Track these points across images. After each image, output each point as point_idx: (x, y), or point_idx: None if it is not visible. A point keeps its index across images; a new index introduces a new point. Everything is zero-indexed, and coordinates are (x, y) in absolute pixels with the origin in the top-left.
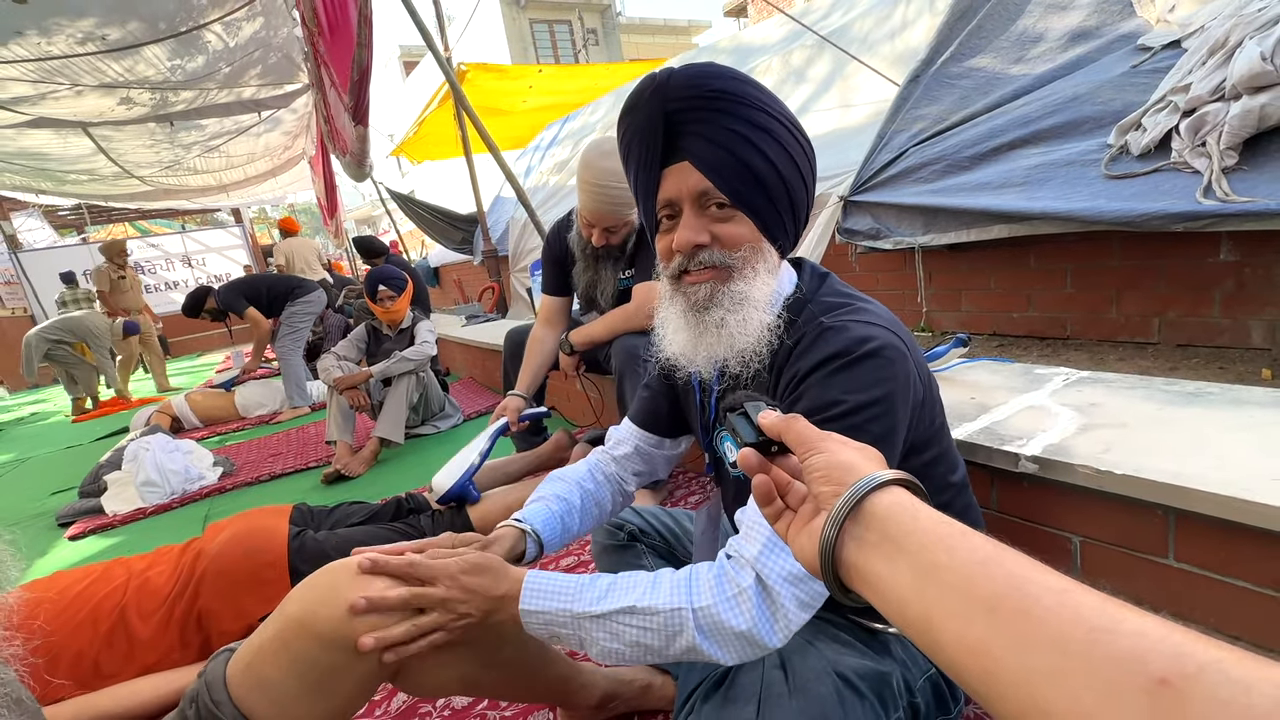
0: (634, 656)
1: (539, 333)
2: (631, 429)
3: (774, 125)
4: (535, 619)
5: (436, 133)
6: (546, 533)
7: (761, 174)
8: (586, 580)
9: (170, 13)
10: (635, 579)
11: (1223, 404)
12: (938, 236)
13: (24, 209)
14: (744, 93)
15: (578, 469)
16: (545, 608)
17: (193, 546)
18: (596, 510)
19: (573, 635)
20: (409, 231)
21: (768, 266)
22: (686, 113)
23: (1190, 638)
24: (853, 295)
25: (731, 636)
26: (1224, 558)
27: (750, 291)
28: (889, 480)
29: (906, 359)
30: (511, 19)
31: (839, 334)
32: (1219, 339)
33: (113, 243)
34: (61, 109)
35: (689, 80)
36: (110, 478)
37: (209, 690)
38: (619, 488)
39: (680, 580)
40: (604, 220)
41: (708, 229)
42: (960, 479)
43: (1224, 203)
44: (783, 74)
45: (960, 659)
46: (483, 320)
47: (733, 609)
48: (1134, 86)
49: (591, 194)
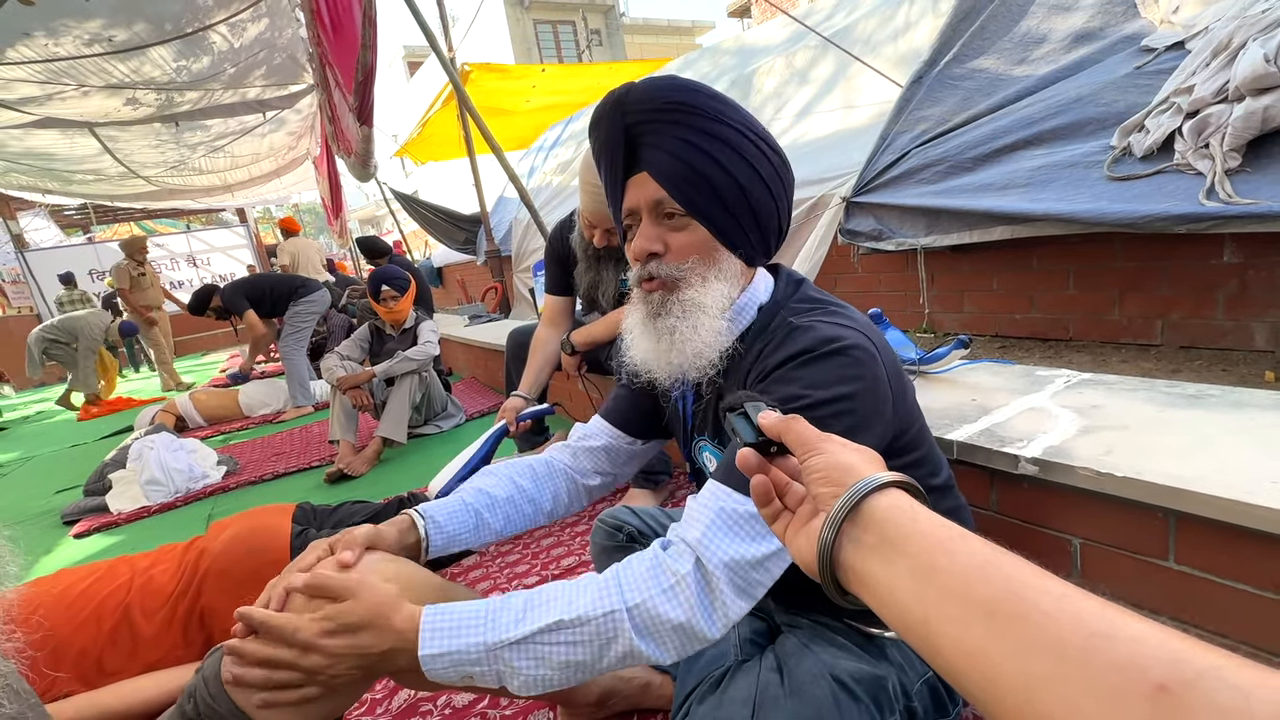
0: (562, 680)
1: (543, 333)
2: (603, 425)
3: (731, 135)
4: (441, 663)
5: (440, 133)
6: (451, 523)
7: (716, 183)
8: (496, 604)
9: (176, 14)
10: (552, 591)
11: (1224, 406)
12: (940, 238)
13: (30, 208)
14: (699, 104)
15: (517, 463)
16: (451, 647)
17: (196, 545)
18: (530, 508)
19: (489, 672)
20: (413, 231)
21: (723, 274)
22: (644, 125)
23: (1189, 644)
24: (826, 300)
25: (669, 630)
26: (1225, 561)
27: (701, 299)
28: (888, 482)
29: (875, 360)
30: (515, 19)
31: (805, 332)
32: (1222, 341)
33: (133, 239)
34: (68, 109)
35: (646, 94)
36: (115, 476)
37: (206, 685)
38: (573, 484)
39: (608, 581)
40: (605, 221)
41: (662, 238)
42: (943, 481)
43: (1227, 204)
44: (786, 75)
45: (958, 663)
46: (486, 320)
47: (669, 599)
48: (1137, 88)
49: (592, 195)
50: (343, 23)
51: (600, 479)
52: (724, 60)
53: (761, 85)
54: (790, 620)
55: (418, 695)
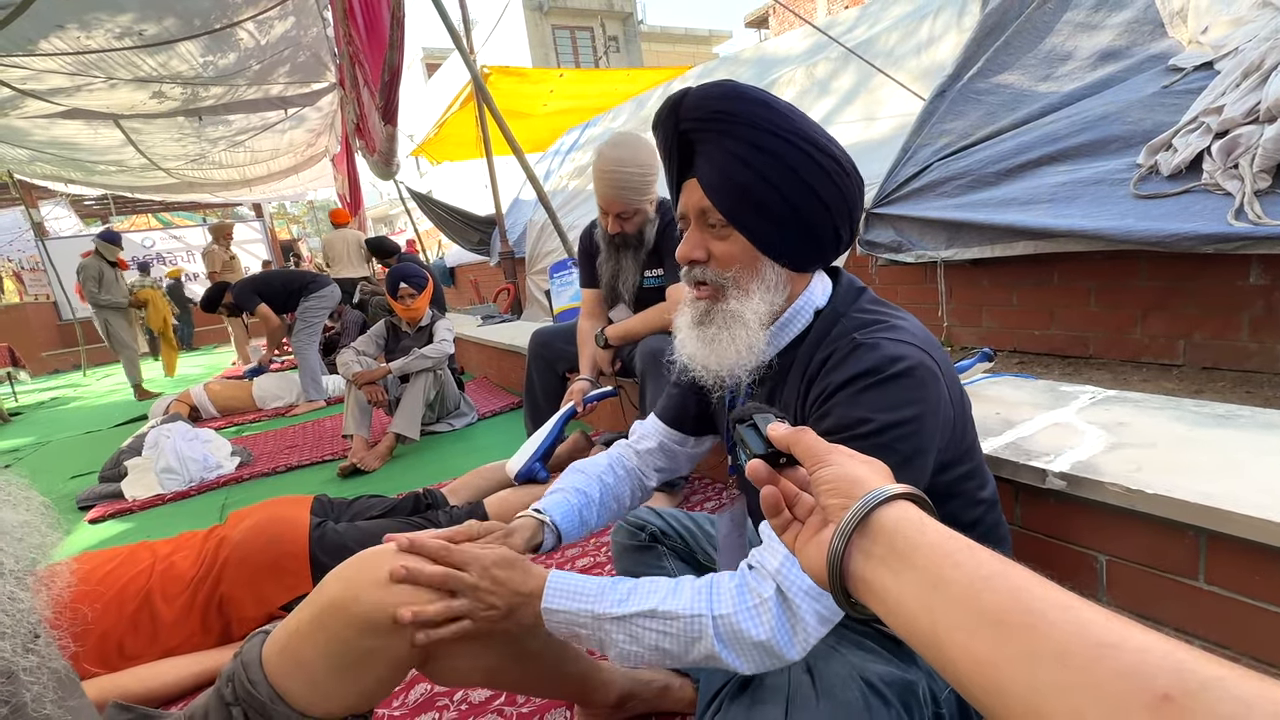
0: (653, 659)
1: (584, 324)
2: (658, 425)
3: (781, 145)
4: (557, 618)
5: (457, 134)
6: (565, 524)
7: (759, 195)
8: (608, 583)
9: (205, 10)
10: (656, 584)
11: (1254, 427)
12: (960, 251)
13: (52, 198)
14: (748, 113)
15: (598, 462)
16: (568, 607)
17: (216, 533)
18: (615, 504)
19: (593, 635)
20: (426, 231)
21: (765, 284)
22: (696, 133)
23: (1194, 654)
24: (888, 311)
25: (750, 646)
26: (1259, 582)
27: (742, 311)
28: (897, 494)
29: (939, 380)
30: (534, 24)
31: (870, 351)
32: (1247, 363)
33: (220, 225)
34: (95, 101)
35: (698, 101)
36: (131, 463)
37: (245, 670)
38: (639, 482)
39: (701, 587)
40: (614, 205)
41: (705, 245)
42: (990, 495)
43: (1256, 225)
44: (806, 85)
45: (967, 671)
46: (498, 321)
47: (753, 619)
48: (1164, 107)
49: (602, 179)
50: (374, 23)
51: (658, 476)
52: (743, 70)
53: (782, 95)
54: None
55: (434, 690)
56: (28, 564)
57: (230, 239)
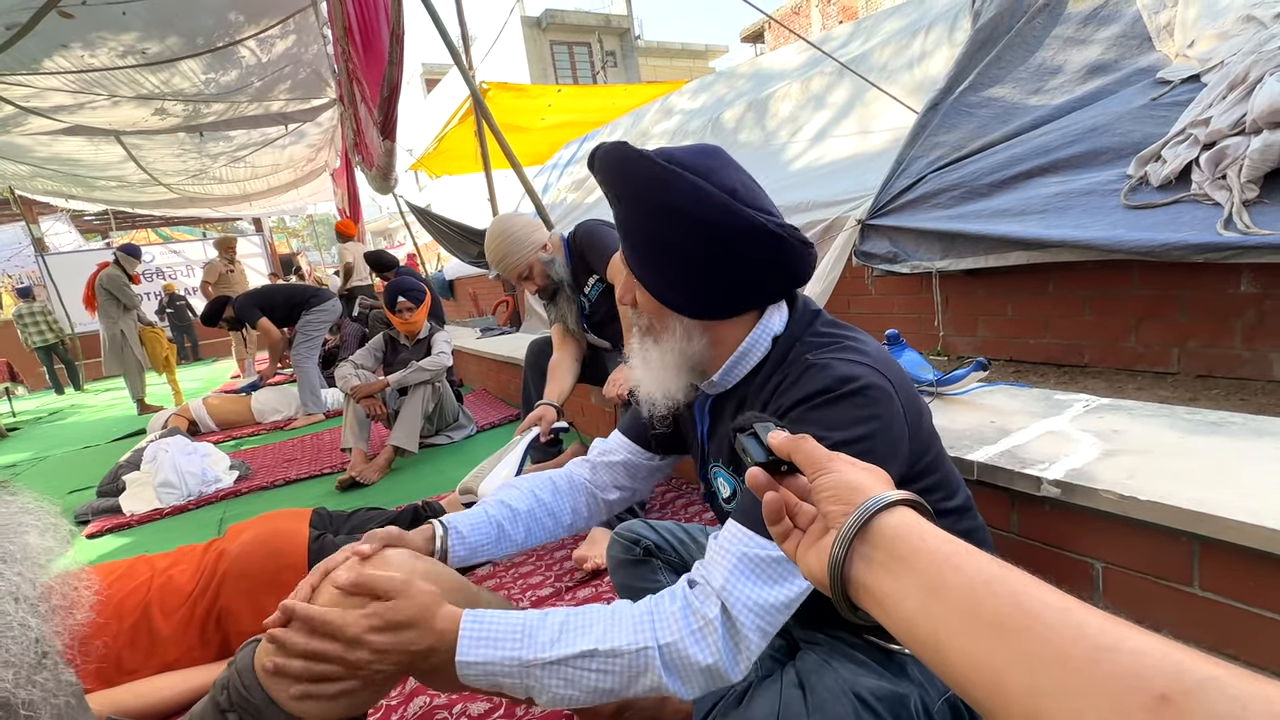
0: (587, 701)
1: (557, 355)
2: (622, 441)
3: (672, 204)
4: (474, 670)
5: (456, 148)
6: (475, 536)
7: (651, 257)
8: (535, 619)
9: (208, 29)
10: (590, 614)
11: (1246, 434)
12: (956, 261)
13: (52, 213)
14: (638, 174)
15: (539, 477)
16: (488, 657)
17: (215, 546)
18: (550, 521)
19: (519, 685)
20: (425, 244)
21: (673, 334)
22: (604, 186)
23: (1190, 655)
24: (843, 332)
25: (697, 671)
26: (1251, 587)
27: (650, 354)
28: (897, 500)
29: (892, 398)
30: (533, 40)
31: (822, 371)
32: (1240, 371)
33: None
34: (97, 118)
35: (602, 160)
36: (129, 478)
37: (239, 676)
38: (591, 498)
39: (642, 615)
40: (510, 273)
41: (632, 289)
42: (960, 503)
43: (1245, 235)
44: (801, 99)
45: (967, 675)
46: (497, 333)
47: (699, 643)
48: (1153, 119)
49: (489, 260)
50: (372, 40)
51: (619, 493)
52: (740, 84)
53: (778, 109)
54: (808, 636)
55: (433, 703)
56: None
57: (234, 253)
